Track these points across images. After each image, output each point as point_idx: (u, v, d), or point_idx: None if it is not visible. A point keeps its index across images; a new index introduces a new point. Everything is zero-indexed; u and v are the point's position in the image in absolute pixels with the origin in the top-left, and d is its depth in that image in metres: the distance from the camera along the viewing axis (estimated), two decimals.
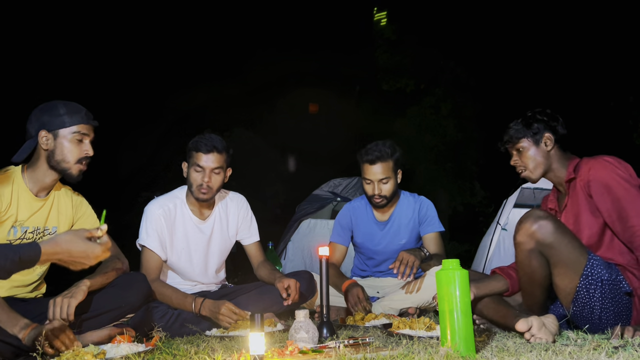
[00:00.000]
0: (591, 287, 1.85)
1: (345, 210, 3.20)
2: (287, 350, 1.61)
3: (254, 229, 2.86)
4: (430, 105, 11.56)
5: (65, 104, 2.11)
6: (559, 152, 2.15)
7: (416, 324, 1.99)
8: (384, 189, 2.92)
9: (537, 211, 1.94)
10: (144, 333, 2.17)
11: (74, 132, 2.08)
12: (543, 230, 1.86)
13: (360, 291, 2.71)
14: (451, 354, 1.45)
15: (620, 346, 1.50)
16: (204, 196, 2.56)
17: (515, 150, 2.19)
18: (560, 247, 1.86)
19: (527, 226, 1.89)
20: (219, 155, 2.55)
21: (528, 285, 2.02)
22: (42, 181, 2.12)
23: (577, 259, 1.87)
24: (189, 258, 2.69)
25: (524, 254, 1.94)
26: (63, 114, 2.08)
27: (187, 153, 2.62)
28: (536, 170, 2.15)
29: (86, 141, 2.11)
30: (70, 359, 1.59)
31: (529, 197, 4.66)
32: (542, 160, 2.14)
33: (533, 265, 1.93)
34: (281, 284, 2.47)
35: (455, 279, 1.51)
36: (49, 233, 2.19)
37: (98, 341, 1.99)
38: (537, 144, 2.15)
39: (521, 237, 1.92)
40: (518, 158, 2.19)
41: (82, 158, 2.10)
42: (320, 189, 4.76)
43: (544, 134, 2.14)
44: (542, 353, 1.44)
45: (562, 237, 1.87)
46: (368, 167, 2.91)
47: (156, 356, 1.70)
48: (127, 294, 2.18)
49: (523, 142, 2.15)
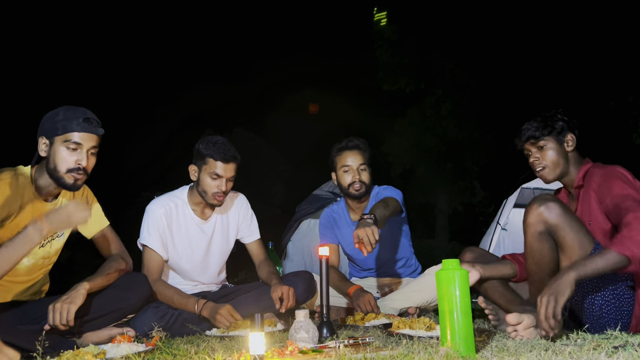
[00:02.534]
0: (595, 277, 1.82)
1: (326, 213, 3.21)
2: (287, 350, 1.61)
3: (255, 227, 2.86)
4: (430, 105, 11.56)
5: (67, 110, 2.01)
6: (576, 154, 2.15)
7: (416, 324, 1.99)
8: (363, 176, 2.93)
9: (545, 195, 1.95)
10: (144, 333, 2.17)
11: (66, 141, 1.97)
12: (551, 211, 1.88)
13: (372, 298, 2.71)
14: (451, 354, 1.45)
15: (620, 346, 1.50)
16: (219, 202, 2.59)
17: (536, 148, 2.15)
18: (567, 229, 1.87)
19: (535, 207, 1.91)
20: (236, 164, 2.58)
21: (535, 271, 2.00)
22: (47, 187, 2.06)
23: (583, 243, 1.88)
24: (190, 258, 2.69)
25: (533, 236, 1.94)
26: (60, 120, 1.98)
27: (200, 158, 2.57)
28: (556, 169, 2.13)
29: (81, 150, 1.99)
30: (70, 359, 1.59)
31: (529, 197, 4.65)
32: (563, 160, 2.12)
33: (542, 248, 1.93)
34: (275, 294, 2.46)
35: (455, 279, 1.51)
36: (58, 236, 2.17)
37: (98, 341, 1.99)
38: (560, 143, 2.12)
39: (530, 218, 1.93)
40: (539, 156, 2.15)
41: (73, 168, 1.99)
42: (320, 189, 4.76)
43: (567, 134, 2.12)
44: (542, 353, 1.44)
45: (570, 220, 1.88)
46: (348, 153, 2.94)
47: (156, 356, 1.70)
48: (128, 295, 2.18)
49: (547, 139, 2.12)
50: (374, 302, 2.68)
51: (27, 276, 2.12)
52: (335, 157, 3.00)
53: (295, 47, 12.14)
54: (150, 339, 1.88)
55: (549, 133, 2.12)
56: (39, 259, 2.12)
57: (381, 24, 12.34)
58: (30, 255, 2.05)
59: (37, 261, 2.11)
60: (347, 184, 2.96)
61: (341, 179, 2.98)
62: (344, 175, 2.96)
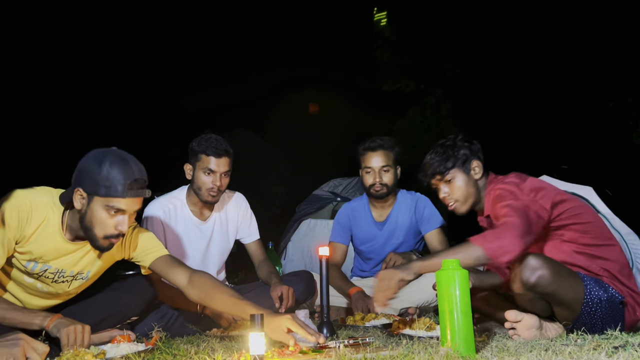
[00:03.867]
0: (592, 310, 1.83)
1: (344, 210, 3.20)
2: (288, 350, 1.61)
3: (254, 227, 2.86)
4: (430, 105, 11.55)
5: (112, 164, 1.75)
6: (484, 180, 2.08)
7: (416, 324, 1.99)
8: (384, 178, 2.94)
9: (531, 260, 1.78)
10: (144, 333, 2.16)
11: (108, 206, 1.77)
12: (542, 281, 1.75)
13: (372, 304, 2.70)
14: (451, 354, 1.45)
15: (620, 346, 1.50)
16: (214, 198, 2.59)
17: (444, 182, 2.07)
18: (560, 291, 1.79)
19: (525, 278, 1.77)
20: (229, 158, 2.58)
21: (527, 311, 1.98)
22: (77, 232, 1.89)
23: (577, 295, 1.81)
24: (190, 259, 2.69)
25: (525, 302, 1.86)
26: (102, 179, 1.74)
27: (193, 155, 2.59)
28: (467, 201, 2.06)
29: (124, 216, 1.80)
30: (70, 359, 1.59)
31: None
32: (473, 190, 2.06)
33: (535, 308, 1.86)
34: (275, 293, 2.47)
35: (455, 279, 1.51)
36: (82, 278, 2.01)
37: (98, 341, 1.99)
38: (467, 172, 2.05)
39: (520, 289, 1.81)
40: (448, 190, 2.07)
41: (111, 235, 1.82)
42: (320, 189, 4.76)
43: (472, 160, 2.06)
44: (542, 353, 1.44)
45: (561, 281, 1.79)
46: (370, 154, 2.95)
47: (156, 356, 1.70)
48: (129, 299, 2.15)
49: (453, 172, 2.05)
50: (372, 308, 2.68)
51: (46, 300, 2.02)
52: (360, 157, 3.01)
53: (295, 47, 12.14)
54: (150, 339, 1.88)
55: (453, 165, 2.05)
56: (53, 290, 1.99)
57: (381, 24, 12.33)
58: (45, 284, 1.95)
59: (50, 290, 1.99)
60: (368, 185, 2.98)
61: (364, 180, 3.01)
62: (365, 176, 2.98)
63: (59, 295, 2.03)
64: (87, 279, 2.05)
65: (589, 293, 1.82)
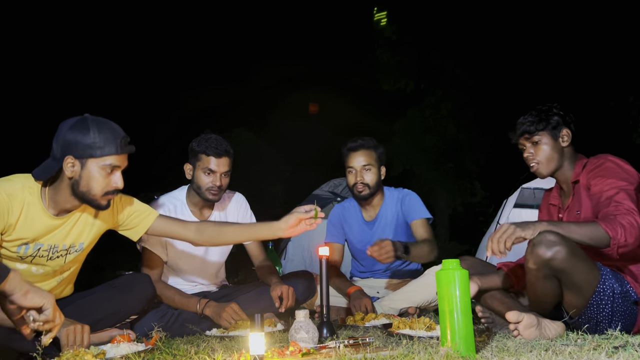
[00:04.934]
0: (602, 302, 1.82)
1: (336, 209, 3.21)
2: (288, 350, 1.61)
3: None
4: (430, 105, 11.56)
5: (98, 128, 1.85)
6: (571, 150, 2.12)
7: (416, 324, 1.99)
8: (366, 177, 2.92)
9: (548, 236, 1.79)
10: (144, 333, 2.16)
11: (104, 165, 1.85)
12: (558, 256, 1.76)
13: (369, 302, 2.70)
14: (451, 354, 1.45)
15: (620, 346, 1.50)
16: (215, 197, 2.58)
17: (531, 143, 2.12)
18: (575, 271, 1.80)
19: (541, 253, 1.77)
20: (229, 158, 2.58)
21: (536, 301, 1.98)
22: (63, 205, 1.93)
23: (590, 279, 1.81)
24: (189, 259, 2.69)
25: (537, 280, 1.86)
26: (95, 141, 1.83)
27: (193, 155, 2.59)
28: (550, 165, 2.10)
29: (117, 173, 1.89)
30: (70, 359, 1.59)
31: (529, 197, 4.64)
32: (557, 155, 2.09)
33: (546, 288, 1.87)
34: (275, 293, 2.47)
35: (455, 279, 1.51)
36: (75, 250, 2.04)
37: (98, 341, 1.99)
38: (555, 138, 2.09)
39: (535, 264, 1.81)
40: (533, 151, 2.12)
41: (110, 191, 1.90)
42: (320, 189, 4.76)
43: (562, 129, 2.09)
44: (542, 353, 1.44)
45: (577, 261, 1.79)
46: (351, 154, 2.94)
47: (156, 356, 1.70)
48: (127, 298, 2.15)
49: (541, 134, 2.09)
50: (370, 307, 2.68)
51: (41, 282, 2.02)
52: (343, 159, 3.00)
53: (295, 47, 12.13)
54: (150, 339, 1.88)
55: (544, 128, 2.08)
56: (50, 269, 2.01)
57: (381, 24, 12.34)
58: (39, 265, 1.97)
59: (47, 270, 2.00)
60: (351, 185, 2.98)
61: (347, 180, 3.00)
62: (348, 176, 2.98)
63: (56, 273, 2.05)
64: (82, 250, 2.07)
65: (603, 282, 1.82)
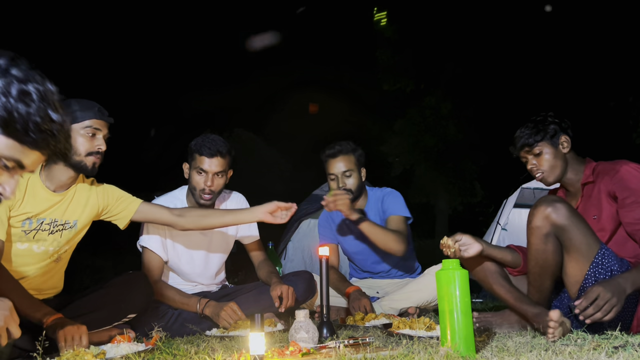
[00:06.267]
0: (599, 277, 1.84)
1: (324, 213, 3.21)
2: (288, 350, 1.61)
3: (254, 227, 2.85)
4: (430, 105, 11.57)
5: (78, 101, 2.12)
6: (573, 154, 2.16)
7: (416, 324, 1.99)
8: (348, 183, 2.90)
9: (551, 196, 1.94)
10: (144, 333, 2.16)
11: (86, 127, 2.08)
12: (558, 212, 1.86)
13: (368, 302, 2.70)
14: (451, 354, 1.45)
15: (620, 346, 1.50)
16: (206, 201, 2.55)
17: (532, 155, 2.16)
18: (574, 230, 1.87)
19: (542, 209, 1.89)
20: (222, 159, 2.54)
21: (538, 274, 2.00)
22: (59, 179, 2.11)
23: (589, 245, 1.87)
24: (190, 259, 2.69)
25: (538, 239, 1.93)
26: (76, 109, 2.08)
27: (189, 154, 2.59)
28: (555, 172, 2.14)
29: (99, 136, 2.11)
30: (70, 359, 1.59)
31: (529, 197, 4.66)
32: (561, 162, 2.14)
33: (546, 249, 1.92)
34: (275, 293, 2.47)
35: (455, 279, 1.51)
36: (70, 227, 2.17)
37: (98, 341, 1.99)
38: (555, 146, 2.13)
39: (536, 220, 1.91)
40: (536, 162, 2.16)
41: (93, 152, 2.10)
42: (320, 189, 4.76)
43: (560, 136, 2.13)
44: (542, 353, 1.44)
45: (576, 221, 1.87)
46: (331, 161, 2.92)
47: (156, 356, 1.70)
48: (125, 297, 2.16)
49: (541, 145, 2.13)
50: (369, 306, 2.68)
51: (39, 263, 2.10)
52: (324, 165, 3.00)
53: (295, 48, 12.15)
54: (150, 339, 1.88)
55: (542, 138, 2.13)
56: (49, 247, 2.11)
57: (381, 24, 12.35)
58: (40, 241, 2.08)
59: (46, 248, 2.11)
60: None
61: (330, 186, 2.99)
62: (330, 183, 2.96)
63: (53, 254, 2.14)
64: (75, 228, 2.19)
65: (601, 256, 1.86)
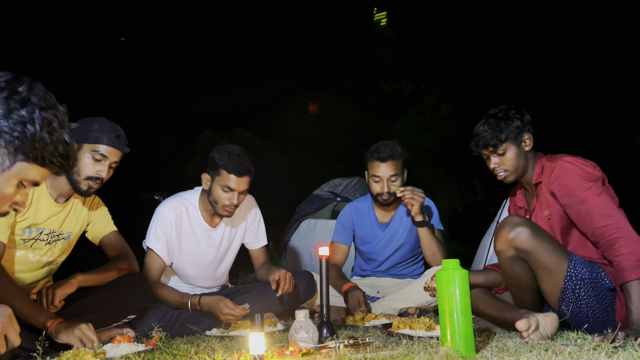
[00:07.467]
0: (576, 287, 1.86)
1: (348, 210, 3.19)
2: (288, 350, 1.61)
3: (262, 233, 2.82)
4: (430, 105, 11.55)
5: (102, 123, 2.11)
6: (532, 151, 2.10)
7: (416, 324, 1.99)
8: (393, 187, 2.91)
9: (513, 218, 1.90)
10: (144, 333, 2.16)
11: (93, 150, 2.07)
12: (521, 237, 1.84)
13: (360, 294, 2.71)
14: (451, 354, 1.45)
15: (620, 346, 1.50)
16: (228, 214, 2.53)
17: (495, 154, 2.09)
18: (540, 252, 1.84)
19: (504, 234, 1.86)
20: (250, 177, 2.50)
21: (516, 291, 2.01)
22: (61, 188, 2.12)
23: (558, 262, 1.85)
24: (195, 264, 2.67)
25: (506, 262, 1.92)
26: (93, 130, 2.08)
27: (214, 167, 2.49)
28: (518, 172, 2.08)
29: (104, 162, 2.09)
30: (70, 359, 1.59)
31: None
32: (523, 161, 2.07)
33: (516, 271, 1.92)
34: (272, 277, 2.45)
35: (455, 279, 1.51)
36: (63, 238, 2.20)
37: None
38: (518, 145, 2.07)
39: (500, 245, 1.90)
40: (498, 162, 2.09)
41: (92, 177, 2.08)
42: (320, 189, 4.76)
43: (524, 134, 2.07)
44: (542, 353, 1.44)
45: (541, 242, 1.85)
46: (378, 164, 2.91)
47: (156, 356, 1.70)
48: (128, 296, 2.17)
49: (505, 145, 2.05)
50: (362, 298, 2.70)
51: (34, 271, 2.13)
52: (367, 163, 2.97)
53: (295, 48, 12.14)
54: (150, 339, 1.88)
55: (507, 138, 2.05)
56: (44, 257, 2.14)
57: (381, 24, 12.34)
58: (36, 250, 2.09)
59: (41, 258, 2.13)
60: (375, 193, 2.96)
61: (371, 186, 2.98)
62: (373, 184, 2.95)
63: (47, 264, 2.16)
64: (69, 239, 2.23)
65: (573, 267, 1.86)
